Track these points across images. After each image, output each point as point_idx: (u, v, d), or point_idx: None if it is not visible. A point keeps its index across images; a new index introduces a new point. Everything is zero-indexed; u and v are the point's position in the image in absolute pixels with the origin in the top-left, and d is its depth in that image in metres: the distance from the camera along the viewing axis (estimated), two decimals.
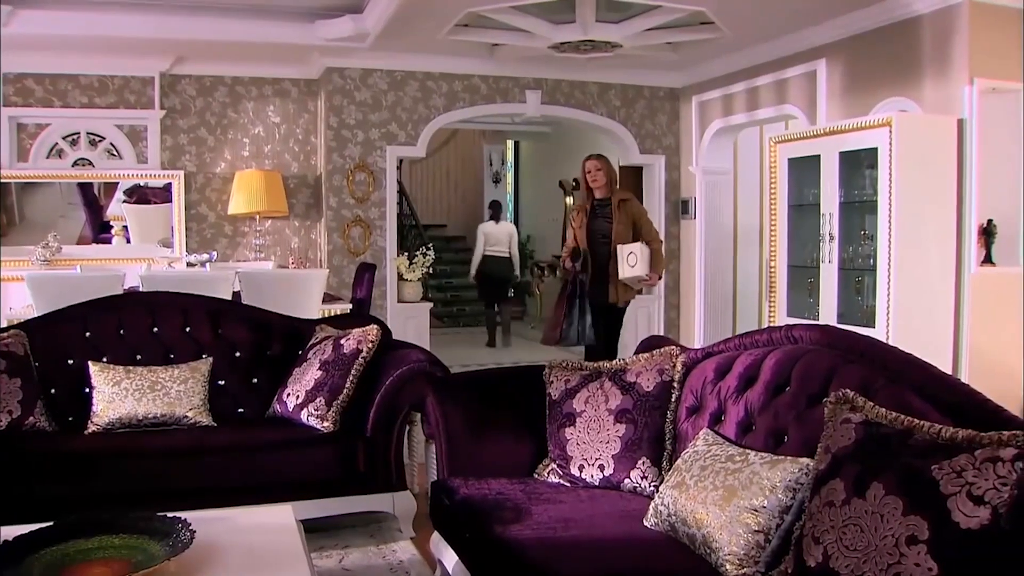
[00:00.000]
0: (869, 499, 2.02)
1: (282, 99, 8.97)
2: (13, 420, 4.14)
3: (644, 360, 3.48)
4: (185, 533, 2.48)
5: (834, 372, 2.74)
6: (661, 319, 9.44)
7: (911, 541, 1.89)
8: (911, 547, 1.89)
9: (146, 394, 4.36)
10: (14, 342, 4.40)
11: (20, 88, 8.30)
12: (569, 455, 3.38)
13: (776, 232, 6.68)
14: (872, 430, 2.22)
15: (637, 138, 9.31)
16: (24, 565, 2.31)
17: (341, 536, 4.24)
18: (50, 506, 3.48)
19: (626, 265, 6.30)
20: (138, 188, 8.69)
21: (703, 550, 2.59)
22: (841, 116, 6.70)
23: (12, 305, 7.39)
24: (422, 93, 8.67)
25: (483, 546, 2.94)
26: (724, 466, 2.71)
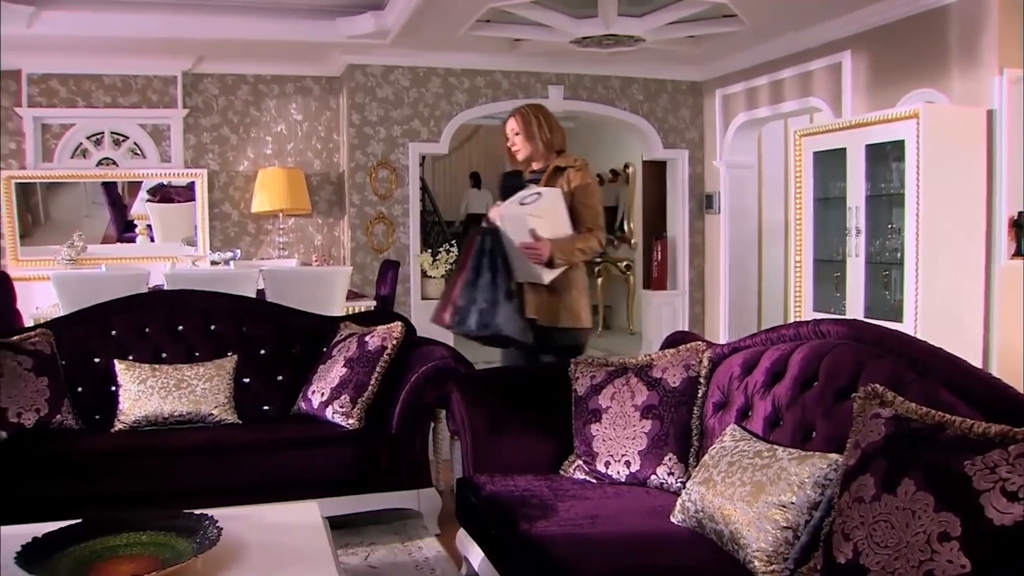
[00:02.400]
0: (900, 495, 1.99)
1: (304, 97, 8.99)
2: (41, 418, 4.16)
3: (670, 356, 3.46)
4: (212, 530, 2.48)
5: (862, 367, 2.70)
6: (686, 315, 9.40)
7: (943, 538, 1.86)
8: (943, 544, 1.86)
9: (171, 392, 4.37)
10: (41, 341, 4.43)
11: (45, 89, 8.36)
12: (595, 451, 3.37)
13: (801, 226, 6.63)
14: (902, 425, 2.19)
15: (660, 132, 9.27)
16: (53, 562, 2.32)
17: (366, 533, 4.24)
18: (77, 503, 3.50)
19: (515, 200, 4.25)
20: (161, 187, 8.74)
21: (731, 546, 2.57)
22: (867, 108, 6.63)
23: (38, 304, 7.45)
24: (444, 89, 8.66)
25: (509, 543, 2.93)
26: (752, 462, 2.69)
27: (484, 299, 4.01)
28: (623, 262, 11.74)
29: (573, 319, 4.25)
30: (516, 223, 4.07)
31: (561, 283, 4.19)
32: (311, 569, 2.48)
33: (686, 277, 9.45)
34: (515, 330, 4.03)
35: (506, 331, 4.01)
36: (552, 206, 4.12)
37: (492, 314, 3.98)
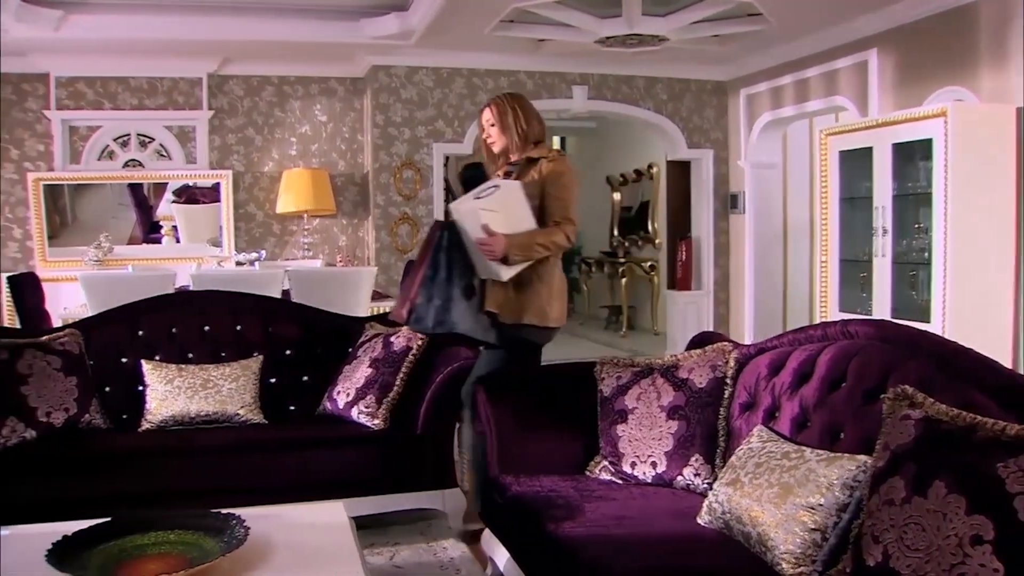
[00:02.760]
0: (931, 497, 1.97)
1: (329, 98, 9.02)
2: (69, 417, 4.20)
3: (696, 356, 3.44)
4: (239, 529, 2.49)
5: (891, 368, 2.68)
6: (710, 315, 9.37)
7: (976, 541, 1.84)
8: (976, 547, 1.84)
9: (198, 392, 4.40)
10: (69, 341, 4.46)
11: (72, 91, 8.43)
12: (621, 452, 3.35)
13: (827, 226, 6.59)
14: (933, 427, 2.17)
15: (685, 132, 9.25)
16: (83, 560, 2.34)
17: (391, 533, 4.24)
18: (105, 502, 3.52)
19: (471, 196, 4.02)
20: (187, 188, 8.80)
21: (758, 548, 2.56)
22: (893, 107, 6.59)
23: (66, 305, 7.51)
24: (468, 90, 8.67)
25: (535, 543, 2.93)
26: (779, 463, 2.67)
27: (440, 296, 3.85)
28: (647, 262, 11.72)
29: (539, 316, 4.03)
30: (469, 218, 3.87)
31: (528, 278, 3.99)
32: (338, 569, 2.49)
33: (711, 277, 9.42)
34: (471, 328, 3.91)
35: (461, 329, 3.90)
36: (509, 198, 3.90)
37: (447, 312, 3.84)
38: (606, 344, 10.83)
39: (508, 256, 3.84)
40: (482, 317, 3.95)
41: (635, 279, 11.94)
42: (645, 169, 12.00)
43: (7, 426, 3.98)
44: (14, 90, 8.35)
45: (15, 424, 4.00)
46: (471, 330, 3.92)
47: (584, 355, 9.00)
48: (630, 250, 12.48)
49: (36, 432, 4.05)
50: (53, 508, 3.52)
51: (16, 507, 3.73)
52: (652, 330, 11.67)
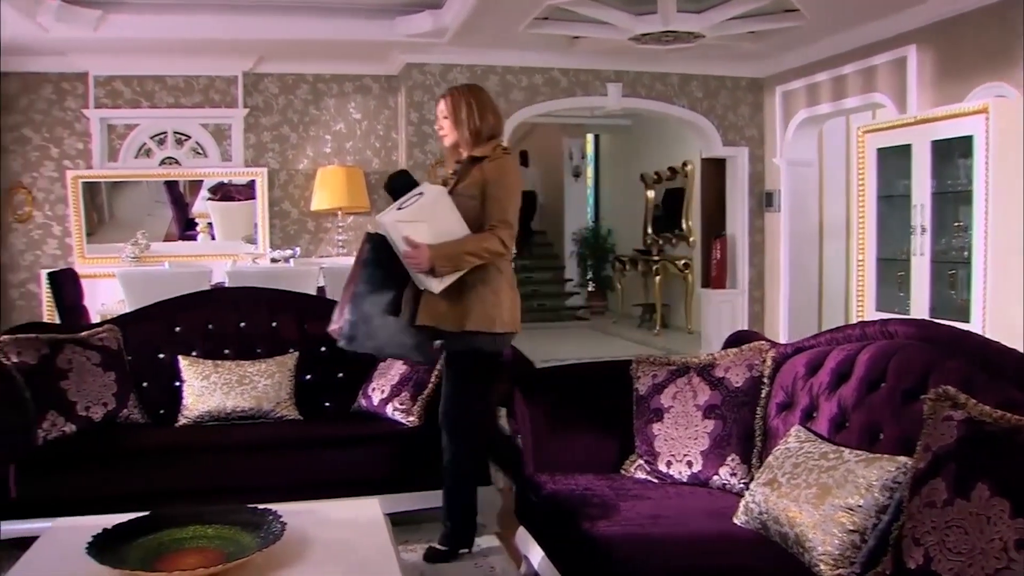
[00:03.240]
0: (974, 500, 1.95)
1: (363, 95, 9.05)
2: (108, 412, 4.24)
3: (733, 355, 3.42)
4: (276, 525, 2.50)
5: (932, 368, 2.65)
6: (745, 313, 9.31)
7: (1020, 545, 1.82)
8: (1021, 551, 1.82)
9: (234, 388, 4.43)
10: (108, 337, 4.51)
11: (110, 90, 8.52)
12: (656, 451, 3.34)
13: (864, 224, 6.52)
14: (975, 428, 2.13)
15: (720, 130, 9.19)
16: (122, 552, 2.37)
17: (425, 530, 4.24)
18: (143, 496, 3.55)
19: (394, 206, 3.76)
20: (222, 185, 8.86)
21: (796, 549, 2.53)
22: (933, 104, 6.51)
23: (104, 301, 7.60)
24: (502, 87, 8.67)
25: (570, 542, 2.92)
26: (817, 463, 2.64)
27: (367, 313, 3.68)
28: (681, 260, 11.66)
29: (485, 322, 3.76)
30: (392, 230, 3.64)
31: (470, 283, 3.76)
32: (373, 565, 2.49)
33: (745, 276, 9.36)
34: (400, 347, 3.76)
35: (389, 350, 3.81)
36: (434, 206, 3.68)
37: (373, 330, 3.68)
38: (640, 342, 10.79)
39: (435, 268, 3.64)
40: (411, 334, 3.73)
41: (669, 277, 11.89)
42: (679, 167, 11.94)
43: (48, 420, 4.04)
44: (54, 89, 8.45)
45: (55, 418, 4.06)
46: (400, 349, 3.77)
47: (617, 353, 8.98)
48: (664, 248, 12.44)
49: (76, 426, 4.10)
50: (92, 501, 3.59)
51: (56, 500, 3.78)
52: (686, 329, 11.61)
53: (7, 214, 8.44)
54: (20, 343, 4.15)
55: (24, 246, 8.51)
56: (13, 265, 8.49)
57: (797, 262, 8.96)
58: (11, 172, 8.44)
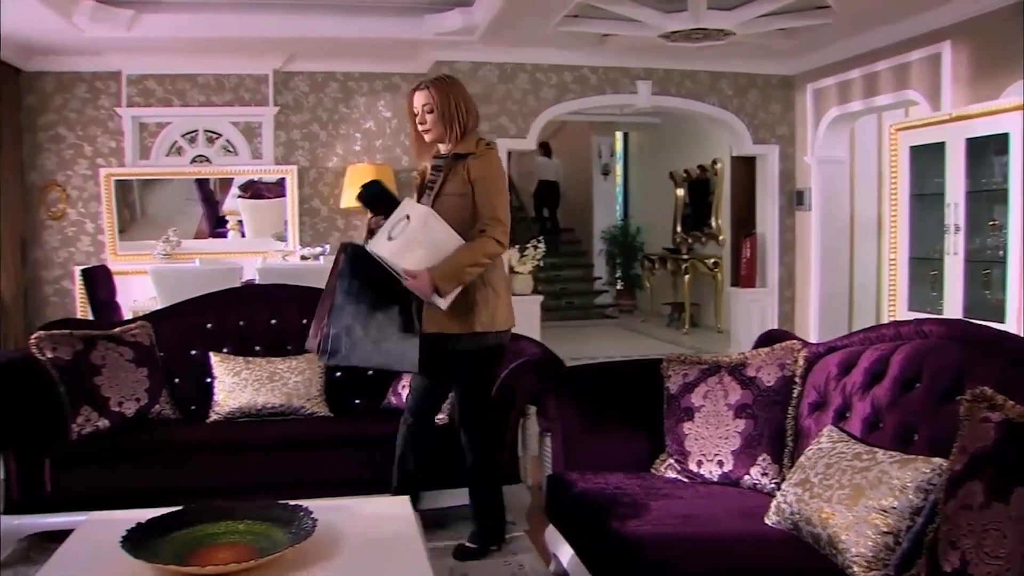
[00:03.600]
0: (1013, 503, 1.92)
1: (393, 94, 9.07)
2: (140, 408, 4.29)
3: (764, 354, 3.40)
4: (307, 521, 2.51)
5: (968, 368, 2.62)
6: (775, 313, 9.24)
7: None
8: None
9: (265, 384, 4.46)
10: (140, 333, 4.55)
11: (142, 89, 8.59)
12: (687, 450, 3.32)
13: (897, 223, 6.46)
14: (1014, 430, 2.11)
15: (750, 128, 9.13)
16: (155, 546, 2.38)
17: (454, 528, 4.25)
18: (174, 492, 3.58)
19: (384, 234, 3.62)
20: (252, 183, 8.91)
21: (828, 550, 2.52)
22: (967, 101, 6.42)
23: (136, 297, 7.67)
24: (532, 85, 8.66)
25: (600, 541, 2.91)
26: (851, 464, 2.62)
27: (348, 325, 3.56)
28: (711, 259, 11.61)
29: (490, 321, 3.77)
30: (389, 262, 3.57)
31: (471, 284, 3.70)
32: (403, 562, 2.50)
33: (775, 274, 9.29)
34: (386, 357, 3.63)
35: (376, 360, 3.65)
36: (423, 229, 3.56)
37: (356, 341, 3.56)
38: (668, 341, 10.75)
39: (439, 289, 3.58)
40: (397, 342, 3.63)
41: (698, 276, 11.84)
42: (709, 165, 11.89)
43: (81, 415, 4.09)
44: (88, 88, 8.53)
45: (89, 413, 4.10)
46: (385, 358, 3.64)
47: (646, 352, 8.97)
48: (693, 247, 12.38)
49: (109, 421, 4.15)
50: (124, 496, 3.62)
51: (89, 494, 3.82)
52: (715, 328, 11.56)
53: (42, 211, 8.53)
54: (55, 339, 4.20)
55: (58, 243, 8.60)
56: (47, 262, 8.58)
57: (828, 261, 8.89)
58: (46, 170, 8.53)
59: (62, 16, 6.97)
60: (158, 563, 2.30)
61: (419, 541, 2.61)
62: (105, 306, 7.02)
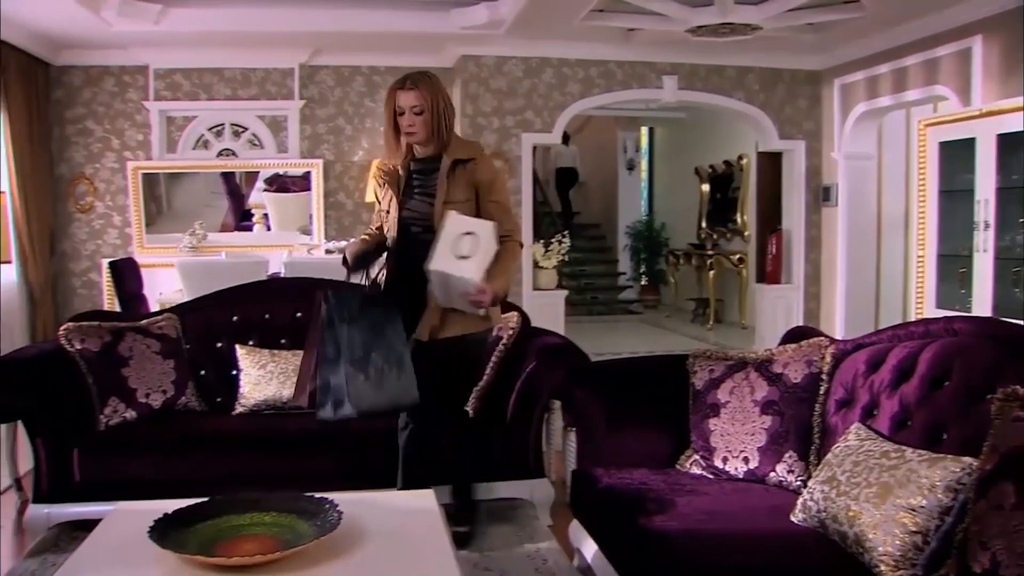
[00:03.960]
0: None
1: None
2: (167, 399, 4.31)
3: (791, 351, 3.37)
4: (333, 514, 2.52)
5: (1000, 367, 2.59)
6: (801, 309, 9.19)
7: None
8: None
9: (290, 377, 4.46)
10: (167, 325, 4.58)
11: (170, 83, 8.65)
12: (713, 446, 3.31)
13: (925, 220, 6.40)
14: None
15: (776, 123, 9.08)
16: (182, 537, 2.40)
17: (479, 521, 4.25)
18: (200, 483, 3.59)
19: (448, 253, 3.45)
20: (278, 177, 8.95)
21: (855, 549, 2.49)
22: (997, 96, 6.35)
23: (162, 290, 7.72)
24: (557, 80, 8.64)
25: (625, 536, 2.90)
26: (878, 462, 2.60)
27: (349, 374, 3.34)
28: (736, 255, 11.55)
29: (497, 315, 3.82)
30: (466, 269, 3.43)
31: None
32: (428, 555, 2.50)
33: (801, 271, 9.24)
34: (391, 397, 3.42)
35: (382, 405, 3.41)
36: (484, 235, 3.46)
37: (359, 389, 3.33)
38: (693, 337, 10.71)
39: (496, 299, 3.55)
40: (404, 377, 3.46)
41: (723, 272, 11.79)
42: (735, 160, 11.83)
43: (109, 406, 4.12)
44: (116, 82, 8.60)
45: (116, 404, 4.14)
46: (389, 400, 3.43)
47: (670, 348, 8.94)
48: (718, 242, 12.33)
49: (136, 413, 4.18)
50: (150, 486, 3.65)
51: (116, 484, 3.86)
52: (739, 324, 11.51)
53: (70, 204, 8.61)
54: (83, 330, 4.24)
55: (86, 236, 8.67)
56: (75, 254, 8.66)
57: (854, 258, 8.83)
58: (74, 163, 8.60)
59: (91, 11, 7.03)
60: (185, 553, 2.31)
61: (444, 534, 2.61)
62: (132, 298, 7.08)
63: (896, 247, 8.95)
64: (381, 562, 2.45)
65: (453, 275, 3.43)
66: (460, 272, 3.42)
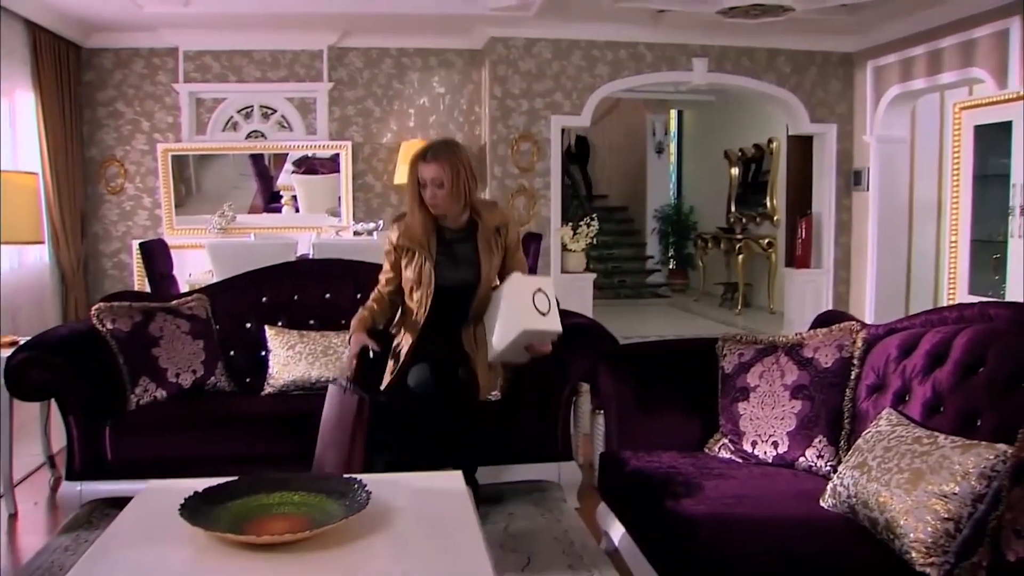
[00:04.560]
0: None
1: (447, 70, 9.06)
2: (196, 379, 4.34)
3: (822, 335, 3.34)
4: (361, 494, 2.52)
5: None
6: (830, 294, 9.12)
7: None
8: None
9: (319, 358, 4.49)
10: (197, 306, 4.61)
11: (199, 65, 8.68)
12: (741, 430, 3.29)
13: (958, 204, 6.33)
14: None
15: (807, 106, 8.99)
16: (212, 515, 2.41)
17: (505, 504, 4.26)
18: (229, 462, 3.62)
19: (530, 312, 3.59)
20: (306, 159, 8.97)
21: (885, 535, 2.47)
22: None
23: (191, 271, 7.76)
24: (587, 62, 8.60)
25: (653, 519, 2.90)
26: (910, 448, 2.57)
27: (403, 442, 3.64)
28: (765, 239, 11.47)
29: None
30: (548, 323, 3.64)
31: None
32: (458, 535, 2.50)
33: (831, 255, 9.16)
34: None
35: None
36: (554, 294, 3.72)
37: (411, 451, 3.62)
38: (721, 321, 10.66)
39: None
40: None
41: (752, 256, 11.71)
42: (765, 144, 11.73)
43: (140, 385, 4.16)
44: (145, 64, 8.64)
45: (147, 383, 4.17)
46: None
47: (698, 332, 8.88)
48: (747, 226, 12.24)
49: (166, 392, 4.21)
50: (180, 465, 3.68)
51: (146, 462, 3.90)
52: (768, 308, 11.43)
53: (101, 186, 8.67)
54: (114, 311, 4.27)
55: (116, 217, 8.74)
56: (106, 235, 8.73)
57: (885, 243, 8.74)
58: (105, 145, 8.66)
59: None
60: (215, 531, 2.33)
61: (472, 516, 2.61)
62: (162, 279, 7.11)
63: (928, 232, 8.86)
64: (409, 541, 2.46)
65: (540, 330, 3.61)
66: (547, 327, 3.61)
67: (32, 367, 3.93)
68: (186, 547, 2.34)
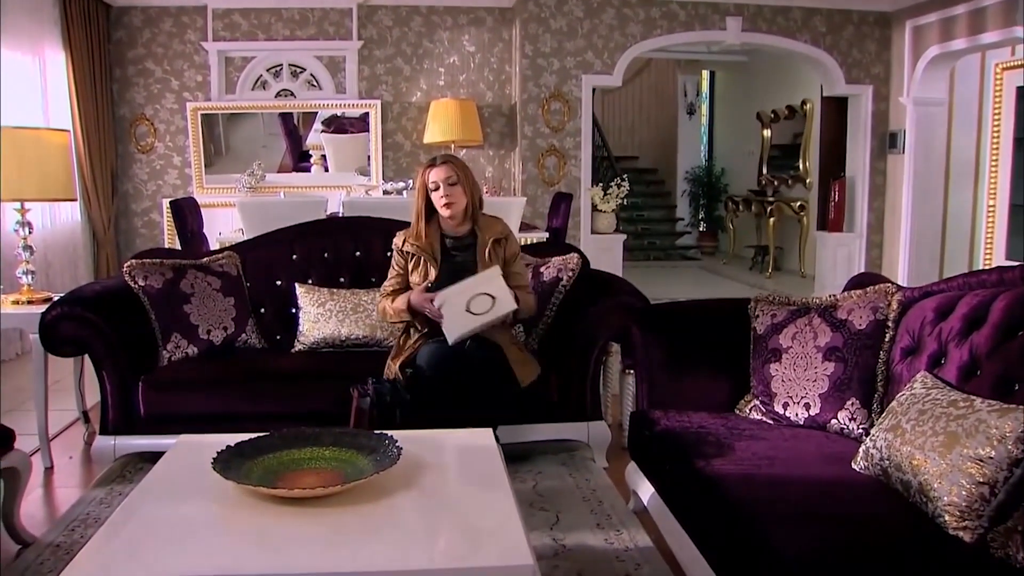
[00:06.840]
0: None
1: (477, 28, 8.99)
2: (227, 336, 4.37)
3: (856, 297, 3.30)
4: (392, 449, 2.54)
5: None
6: (862, 258, 9.03)
7: None
8: None
9: (349, 316, 4.49)
10: (228, 263, 4.62)
11: (228, 23, 8.66)
12: (773, 392, 3.27)
13: (997, 168, 6.23)
14: None
15: (843, 67, 8.85)
16: (245, 468, 2.44)
17: (534, 462, 4.27)
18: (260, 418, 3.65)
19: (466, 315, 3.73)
20: (335, 118, 8.95)
21: (918, 498, 2.44)
22: None
23: (221, 229, 7.79)
24: (618, 21, 8.50)
25: (682, 479, 2.89)
26: (945, 411, 2.53)
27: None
28: (797, 202, 11.35)
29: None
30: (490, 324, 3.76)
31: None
32: (486, 491, 2.50)
33: (864, 219, 9.07)
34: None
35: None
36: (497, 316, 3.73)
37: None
38: (751, 285, 10.59)
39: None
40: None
41: (783, 219, 11.61)
42: (798, 105, 11.58)
43: (172, 341, 4.19)
44: (174, 22, 8.63)
45: (179, 340, 4.20)
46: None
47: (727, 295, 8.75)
48: (779, 189, 12.12)
49: (197, 349, 4.24)
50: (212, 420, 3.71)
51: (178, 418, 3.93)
52: (799, 272, 11.35)
53: (131, 145, 8.70)
54: (146, 267, 4.29)
55: (147, 176, 8.78)
56: (137, 194, 8.78)
57: (920, 206, 8.62)
58: (135, 104, 8.68)
59: None
60: (247, 484, 2.34)
61: (503, 472, 2.62)
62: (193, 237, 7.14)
63: (964, 197, 8.72)
64: (440, 497, 2.47)
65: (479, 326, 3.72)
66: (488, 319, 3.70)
67: (65, 322, 3.97)
68: (218, 500, 2.37)
